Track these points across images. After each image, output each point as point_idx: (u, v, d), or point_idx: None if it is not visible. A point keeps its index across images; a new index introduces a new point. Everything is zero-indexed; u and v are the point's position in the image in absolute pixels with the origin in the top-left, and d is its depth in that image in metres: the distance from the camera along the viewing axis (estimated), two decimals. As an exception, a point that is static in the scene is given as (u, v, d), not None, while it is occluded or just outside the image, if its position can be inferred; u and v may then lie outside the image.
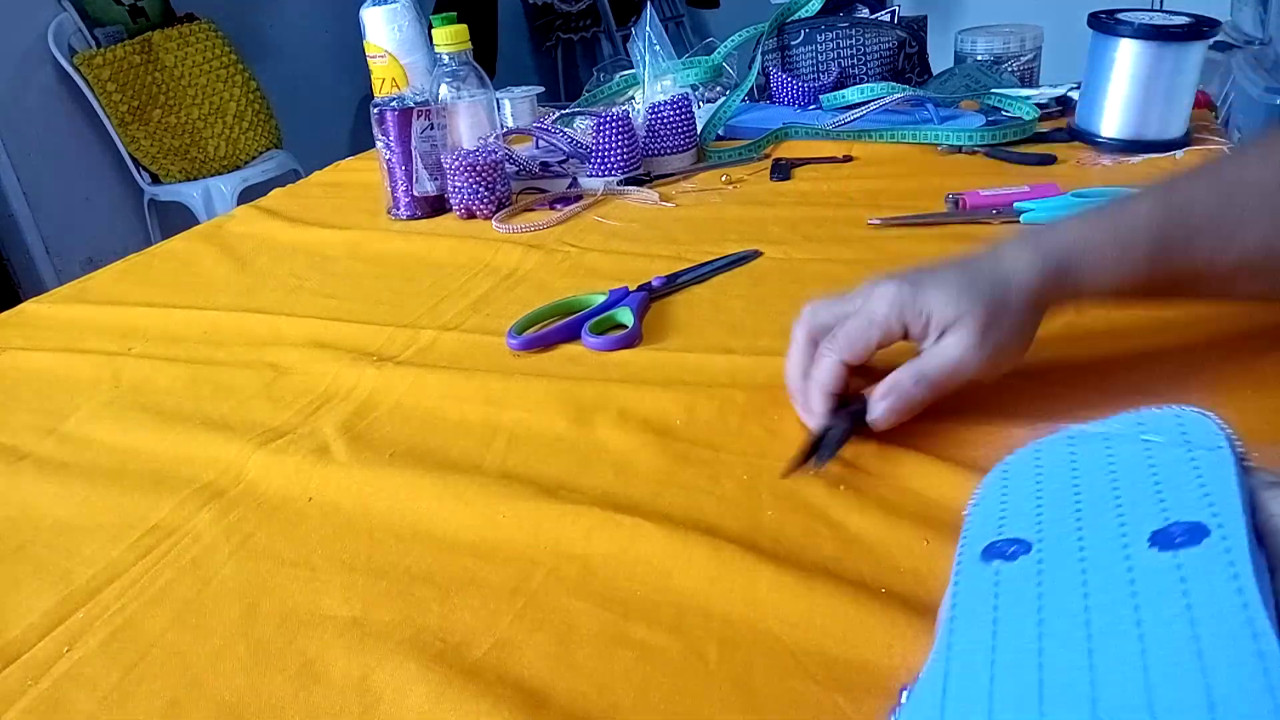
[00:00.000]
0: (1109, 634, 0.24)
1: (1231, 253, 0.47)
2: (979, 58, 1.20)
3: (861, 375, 0.49)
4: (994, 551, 0.30)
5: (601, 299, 0.69)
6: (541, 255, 0.82)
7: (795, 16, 1.21)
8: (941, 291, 0.46)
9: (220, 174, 2.51)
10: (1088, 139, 0.95)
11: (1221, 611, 0.23)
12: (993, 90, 1.08)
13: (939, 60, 1.23)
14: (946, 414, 0.51)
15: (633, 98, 1.11)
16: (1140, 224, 0.47)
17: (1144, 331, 0.55)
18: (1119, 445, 0.32)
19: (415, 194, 0.95)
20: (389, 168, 0.94)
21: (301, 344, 0.69)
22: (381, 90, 1.04)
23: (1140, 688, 0.22)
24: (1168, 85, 0.89)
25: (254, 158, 2.59)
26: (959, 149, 0.98)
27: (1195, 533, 0.26)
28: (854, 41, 1.17)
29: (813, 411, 0.49)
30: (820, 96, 1.13)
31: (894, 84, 1.08)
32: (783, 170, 0.98)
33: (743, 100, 1.13)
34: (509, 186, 0.96)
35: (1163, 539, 0.26)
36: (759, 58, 1.17)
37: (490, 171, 0.92)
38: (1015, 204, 0.79)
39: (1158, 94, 0.89)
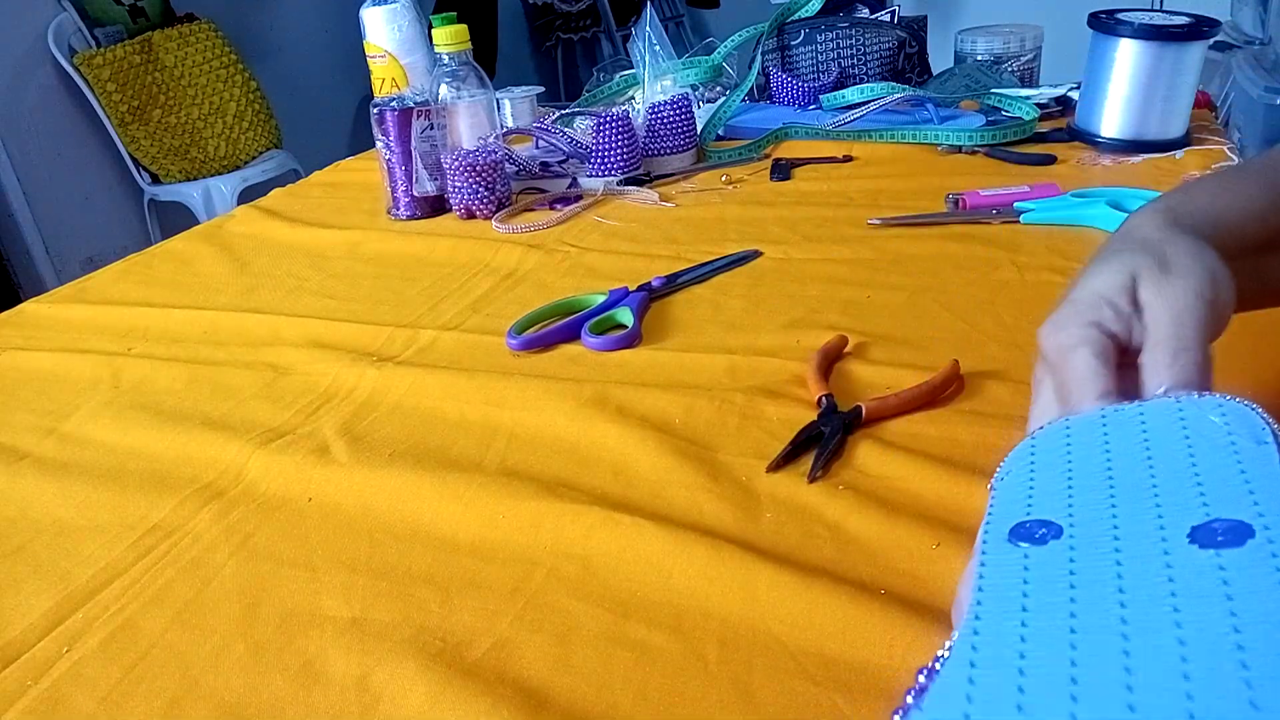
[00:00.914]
0: (1146, 633, 0.23)
1: None
2: (979, 58, 1.20)
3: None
4: (1022, 533, 0.29)
5: (601, 299, 0.69)
6: (541, 255, 0.82)
7: (795, 16, 1.21)
8: (1087, 278, 0.37)
9: (220, 174, 2.50)
10: (1088, 139, 0.95)
11: (1269, 618, 0.22)
12: (993, 90, 1.08)
13: (939, 60, 1.23)
14: (946, 415, 0.51)
15: (633, 98, 1.12)
16: (1246, 175, 0.42)
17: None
18: (1155, 428, 0.30)
19: (415, 194, 0.95)
20: (389, 168, 0.94)
21: (301, 344, 0.69)
22: (381, 90, 1.04)
23: (1180, 692, 0.21)
24: (1168, 85, 0.89)
25: (254, 158, 2.59)
26: (959, 149, 0.98)
27: (1239, 532, 0.25)
28: (854, 41, 1.17)
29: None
30: (820, 96, 1.13)
31: (894, 84, 1.08)
32: (783, 170, 0.98)
33: (743, 100, 1.13)
34: (509, 186, 0.96)
35: (1203, 536, 0.25)
36: (759, 58, 1.17)
37: (490, 171, 0.92)
38: (1015, 204, 0.79)
39: (1158, 94, 0.89)
